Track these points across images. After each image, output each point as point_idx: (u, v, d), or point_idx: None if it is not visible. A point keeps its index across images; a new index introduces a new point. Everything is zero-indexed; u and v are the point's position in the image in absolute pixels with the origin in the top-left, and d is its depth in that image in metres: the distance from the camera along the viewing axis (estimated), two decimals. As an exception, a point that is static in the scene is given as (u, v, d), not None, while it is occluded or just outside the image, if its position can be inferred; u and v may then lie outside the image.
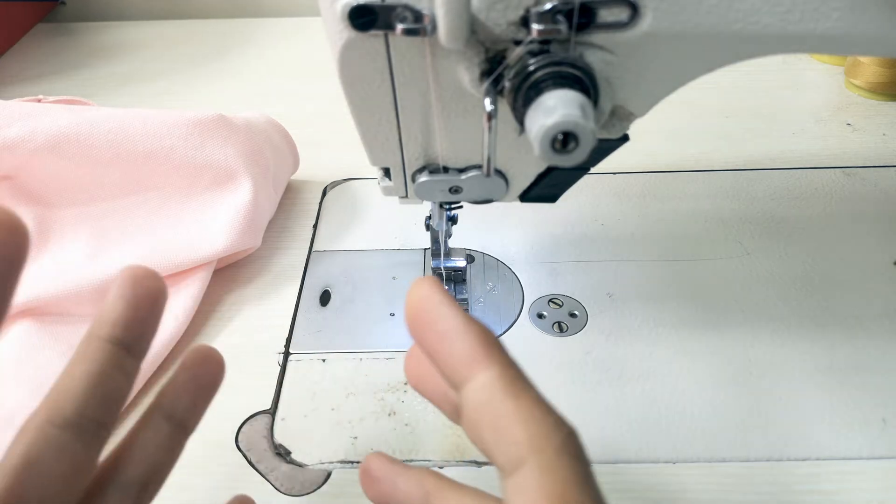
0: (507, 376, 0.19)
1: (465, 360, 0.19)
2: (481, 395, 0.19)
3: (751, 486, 0.34)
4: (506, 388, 0.19)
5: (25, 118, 0.45)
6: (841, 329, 0.41)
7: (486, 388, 0.19)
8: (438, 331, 0.20)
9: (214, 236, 0.44)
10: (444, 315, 0.20)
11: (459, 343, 0.19)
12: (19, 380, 0.38)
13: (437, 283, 0.21)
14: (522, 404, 0.19)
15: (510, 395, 0.19)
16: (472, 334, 0.20)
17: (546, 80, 0.24)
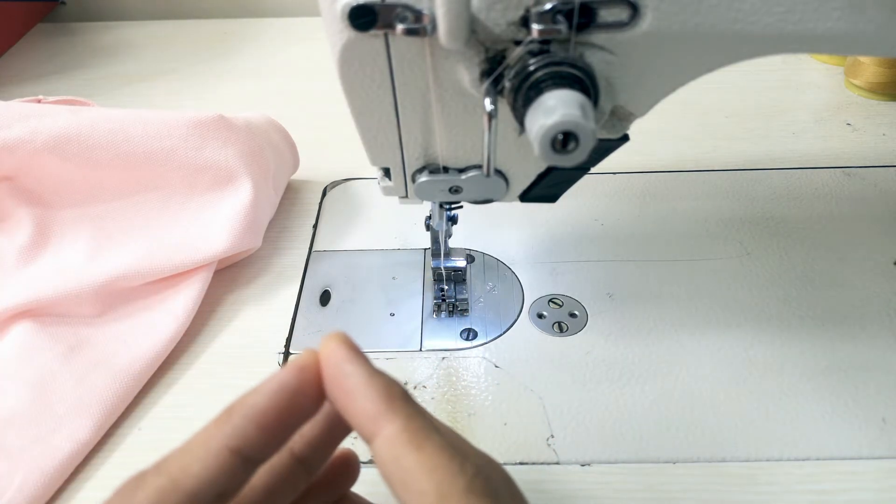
0: (410, 429, 0.19)
1: (370, 417, 0.20)
2: (387, 450, 0.19)
3: (751, 486, 0.34)
4: (409, 441, 0.19)
5: (25, 118, 0.45)
6: (841, 329, 0.41)
7: (391, 443, 0.19)
8: (344, 389, 0.20)
9: (215, 237, 0.44)
10: (348, 373, 0.20)
11: (363, 400, 0.20)
12: (19, 380, 0.38)
13: (345, 340, 0.20)
14: (425, 455, 0.19)
15: (413, 447, 0.19)
16: (374, 390, 0.20)
17: (546, 80, 0.24)
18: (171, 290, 0.44)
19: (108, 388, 0.38)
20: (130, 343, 0.41)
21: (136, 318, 0.42)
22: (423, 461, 0.19)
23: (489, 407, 0.38)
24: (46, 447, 0.35)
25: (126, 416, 0.39)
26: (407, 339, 0.42)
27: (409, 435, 0.19)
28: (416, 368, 0.40)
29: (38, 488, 0.34)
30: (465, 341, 0.42)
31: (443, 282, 0.44)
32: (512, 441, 0.37)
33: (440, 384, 0.39)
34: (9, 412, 0.37)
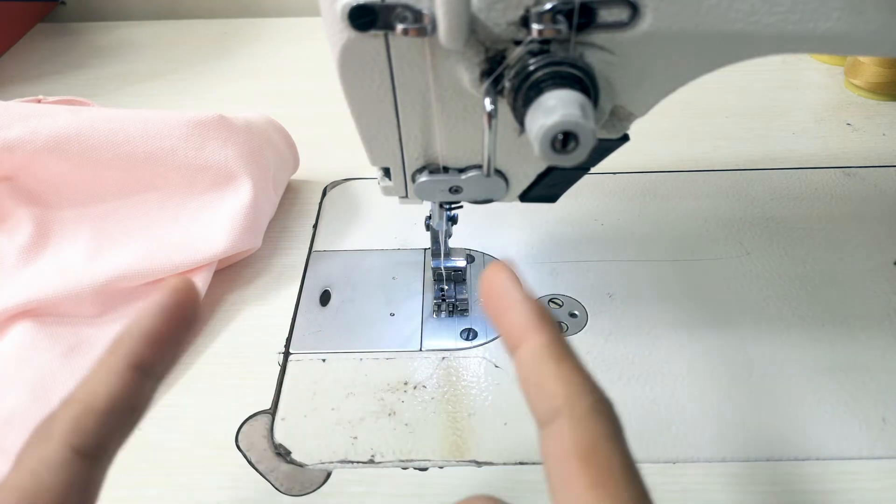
0: (554, 345, 0.22)
1: (521, 328, 0.22)
2: (530, 357, 0.22)
3: (751, 486, 0.34)
4: (551, 353, 0.21)
5: (25, 119, 0.45)
6: (841, 329, 0.41)
7: (535, 351, 0.22)
8: (503, 304, 0.23)
9: (215, 237, 0.44)
10: (508, 292, 0.23)
11: (517, 314, 0.22)
12: (19, 380, 0.38)
13: (507, 268, 0.24)
14: (564, 367, 0.21)
15: (554, 359, 0.21)
16: (528, 308, 0.23)
17: (546, 80, 0.24)
18: (171, 290, 0.44)
19: (108, 388, 0.38)
20: (130, 343, 0.41)
21: (136, 318, 0.42)
22: (559, 372, 0.21)
23: (489, 407, 0.38)
24: (46, 447, 0.35)
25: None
26: (407, 339, 0.42)
27: (552, 349, 0.21)
28: (416, 368, 0.40)
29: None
30: (465, 341, 0.42)
31: (443, 282, 0.44)
32: (512, 441, 0.37)
33: (440, 384, 0.39)
34: (9, 412, 0.37)
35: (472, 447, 0.36)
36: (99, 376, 0.21)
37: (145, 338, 0.21)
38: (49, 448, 0.20)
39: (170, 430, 0.38)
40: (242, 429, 0.38)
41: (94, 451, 0.20)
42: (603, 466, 0.19)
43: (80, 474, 0.20)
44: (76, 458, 0.20)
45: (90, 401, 0.20)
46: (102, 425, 0.20)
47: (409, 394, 0.39)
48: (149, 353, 0.21)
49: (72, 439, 0.20)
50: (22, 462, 0.20)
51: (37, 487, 0.19)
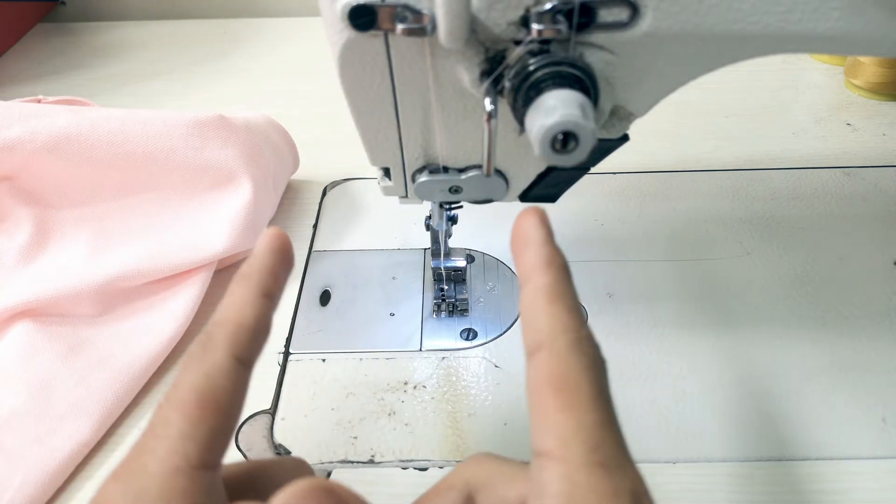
0: (554, 286, 0.24)
1: (530, 268, 0.25)
2: (530, 295, 0.24)
3: (751, 486, 0.34)
4: (547, 293, 0.24)
5: (25, 118, 0.45)
6: (841, 329, 0.41)
7: (535, 290, 0.24)
8: (523, 245, 0.25)
9: (215, 237, 0.44)
10: (531, 235, 0.25)
11: (531, 256, 0.25)
12: (19, 380, 0.38)
13: (537, 213, 0.26)
14: (555, 306, 0.23)
15: (548, 298, 0.23)
16: (542, 251, 0.25)
17: (546, 80, 0.24)
18: (171, 290, 0.44)
19: (108, 389, 0.38)
20: (130, 343, 0.41)
21: (136, 318, 0.42)
22: (550, 310, 0.23)
23: (489, 407, 0.38)
24: (46, 447, 0.35)
25: (126, 416, 0.39)
26: (407, 339, 0.42)
27: (551, 289, 0.24)
28: (416, 368, 0.40)
29: (38, 488, 0.34)
30: (465, 341, 0.42)
31: (443, 282, 0.45)
32: (512, 441, 0.37)
33: (440, 384, 0.39)
34: (9, 412, 0.37)
35: (472, 447, 0.36)
36: (241, 302, 0.25)
37: (267, 272, 0.26)
38: (216, 356, 0.24)
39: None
40: (242, 429, 0.38)
41: (248, 361, 0.24)
42: (572, 393, 0.21)
43: (242, 379, 0.24)
44: (238, 365, 0.24)
45: (241, 320, 0.25)
46: (252, 339, 0.25)
47: (409, 394, 0.39)
48: (272, 284, 0.26)
49: (234, 350, 0.24)
50: (192, 367, 0.23)
51: (212, 387, 0.23)
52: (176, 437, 0.22)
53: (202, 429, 0.22)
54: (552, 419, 0.21)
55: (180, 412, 0.22)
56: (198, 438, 0.22)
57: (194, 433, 0.22)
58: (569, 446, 0.21)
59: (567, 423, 0.21)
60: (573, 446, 0.21)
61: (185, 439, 0.22)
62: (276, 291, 0.27)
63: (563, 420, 0.21)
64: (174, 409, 0.23)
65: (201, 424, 0.22)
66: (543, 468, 0.21)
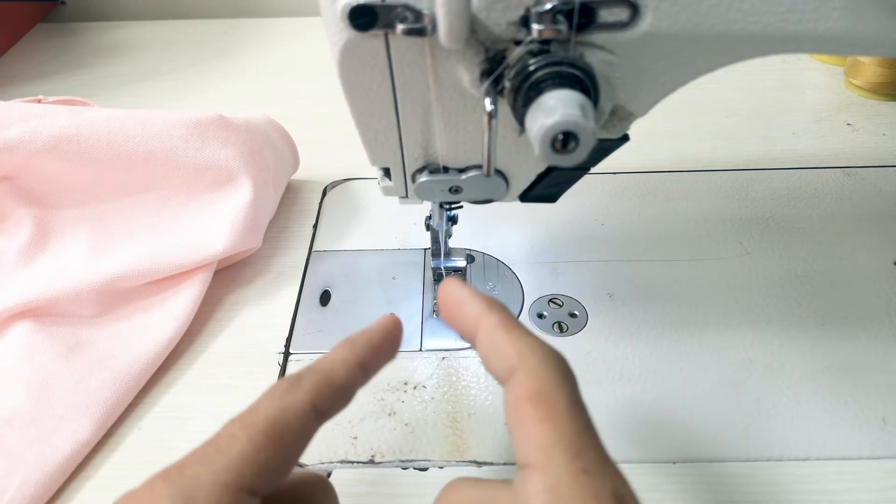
0: (503, 321, 0.25)
1: (475, 317, 0.26)
2: (486, 335, 0.25)
3: (751, 486, 0.34)
4: (501, 327, 0.25)
5: (25, 119, 0.45)
6: (841, 329, 0.41)
7: (489, 329, 0.25)
8: (456, 303, 0.27)
9: (215, 237, 0.44)
10: (458, 295, 0.27)
11: (469, 308, 0.27)
12: (19, 380, 0.38)
13: (455, 279, 0.28)
14: (513, 334, 0.25)
15: (504, 330, 0.25)
16: (478, 301, 0.27)
17: (546, 80, 0.24)
18: (171, 290, 0.44)
19: (108, 389, 0.38)
20: (130, 343, 0.41)
21: (136, 318, 0.42)
22: (510, 338, 0.25)
23: (489, 407, 0.38)
24: (46, 447, 0.35)
25: (126, 416, 0.39)
26: (407, 339, 0.42)
27: (502, 324, 0.25)
28: (416, 368, 0.40)
29: (38, 488, 0.34)
30: (464, 341, 0.42)
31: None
32: (512, 441, 0.37)
33: (440, 384, 0.39)
34: (9, 412, 0.37)
35: (472, 447, 0.36)
36: (338, 362, 0.26)
37: (373, 349, 0.28)
38: (296, 397, 0.25)
39: (170, 430, 0.38)
40: (242, 429, 0.38)
41: (323, 414, 0.25)
42: (550, 404, 0.22)
43: (312, 426, 0.25)
44: (313, 413, 0.25)
45: (332, 376, 0.26)
46: (333, 396, 0.26)
47: (409, 394, 0.39)
48: (371, 360, 0.27)
49: (314, 397, 0.25)
50: (273, 398, 0.24)
51: (285, 423, 0.24)
52: (236, 455, 0.23)
53: (262, 456, 0.23)
54: (533, 431, 0.22)
55: (248, 435, 0.23)
56: (256, 464, 0.23)
57: (254, 458, 0.23)
58: (551, 455, 0.21)
59: (547, 433, 0.22)
60: (555, 455, 0.21)
61: (243, 461, 0.23)
62: (372, 369, 0.28)
63: (544, 431, 0.22)
64: (243, 430, 0.23)
65: (263, 452, 0.23)
66: (527, 480, 0.21)
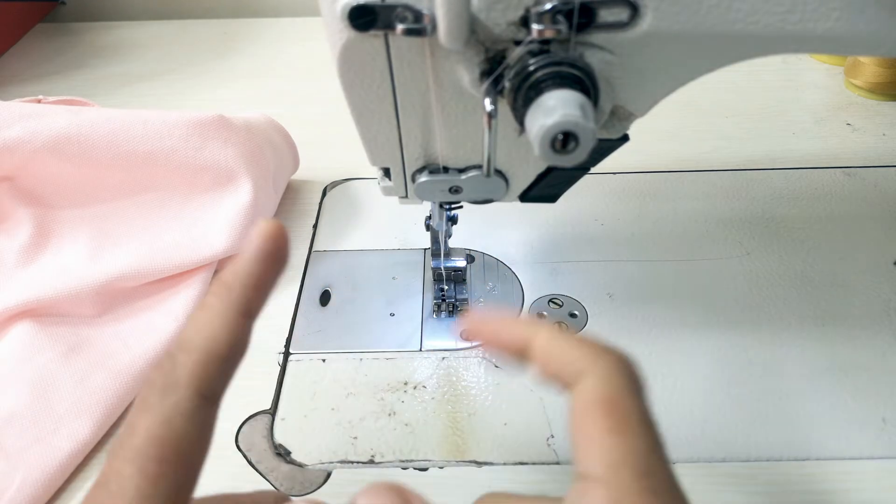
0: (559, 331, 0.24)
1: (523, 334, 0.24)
2: (546, 341, 0.23)
3: (751, 486, 0.34)
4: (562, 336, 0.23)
5: (25, 119, 0.45)
6: (841, 329, 0.41)
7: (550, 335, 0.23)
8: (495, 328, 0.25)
9: (215, 237, 0.44)
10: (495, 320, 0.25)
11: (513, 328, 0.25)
12: (19, 380, 0.38)
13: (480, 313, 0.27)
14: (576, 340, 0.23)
15: (565, 337, 0.23)
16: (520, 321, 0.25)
17: (546, 81, 0.24)
18: (171, 290, 0.44)
19: (108, 388, 0.38)
20: (130, 343, 0.41)
21: (136, 318, 0.42)
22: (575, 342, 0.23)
23: (489, 407, 0.38)
24: (46, 447, 0.35)
25: (126, 416, 0.38)
26: (407, 339, 0.42)
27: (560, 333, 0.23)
28: (416, 368, 0.40)
29: (38, 488, 0.34)
30: (465, 341, 0.42)
31: (443, 282, 0.44)
32: (512, 441, 0.37)
33: (440, 384, 0.39)
34: (9, 412, 0.37)
35: (472, 447, 0.36)
36: (215, 323, 0.22)
37: (251, 285, 0.22)
38: (178, 396, 0.21)
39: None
40: (242, 429, 0.38)
41: (216, 396, 0.22)
42: (622, 415, 0.21)
43: (209, 417, 0.21)
44: (204, 403, 0.21)
45: (212, 348, 0.21)
46: (224, 371, 0.22)
47: (409, 394, 0.39)
48: (254, 299, 0.23)
49: (200, 386, 0.21)
50: (151, 409, 0.21)
51: (174, 435, 0.20)
52: (133, 497, 0.19)
53: (163, 485, 0.20)
54: (602, 443, 0.21)
55: (137, 468, 0.20)
56: (159, 497, 0.20)
57: (154, 492, 0.20)
58: (619, 471, 0.20)
59: (618, 447, 0.20)
60: (623, 472, 0.20)
61: (143, 499, 0.19)
62: (259, 306, 0.23)
63: (614, 444, 0.20)
64: (130, 463, 0.20)
65: (162, 480, 0.20)
66: (588, 493, 0.20)
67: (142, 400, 0.21)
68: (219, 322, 0.22)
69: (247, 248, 0.23)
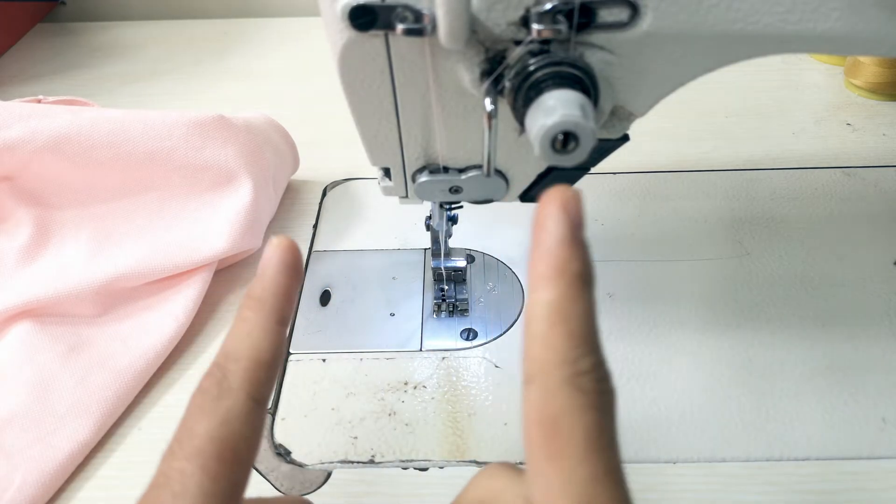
0: (558, 303, 0.20)
1: (538, 276, 0.21)
2: (532, 311, 0.21)
3: (751, 486, 0.34)
4: (550, 313, 0.20)
5: (25, 119, 0.45)
6: (841, 329, 0.41)
7: (537, 306, 0.20)
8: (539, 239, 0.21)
9: (215, 237, 0.44)
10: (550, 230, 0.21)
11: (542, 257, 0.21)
12: (19, 380, 0.38)
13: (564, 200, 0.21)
14: (555, 331, 0.20)
15: (549, 320, 0.20)
16: (556, 255, 0.21)
17: (546, 80, 0.24)
18: (171, 290, 0.44)
19: (108, 388, 0.38)
20: (130, 343, 0.41)
21: (136, 318, 0.42)
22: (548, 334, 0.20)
23: (489, 407, 0.38)
24: (46, 447, 0.35)
25: (126, 416, 0.39)
26: (407, 339, 0.42)
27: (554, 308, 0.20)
28: (416, 368, 0.40)
29: (38, 488, 0.34)
30: (465, 341, 0.42)
31: (443, 282, 0.44)
32: (512, 441, 0.37)
33: (440, 384, 0.39)
34: (9, 412, 0.37)
35: (472, 447, 0.36)
36: (257, 333, 0.23)
37: (282, 295, 0.24)
38: (233, 399, 0.22)
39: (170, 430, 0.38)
40: (242, 429, 0.38)
41: (265, 399, 0.23)
42: (562, 439, 0.19)
43: (260, 419, 0.23)
44: (256, 406, 0.23)
45: (257, 356, 0.23)
46: (270, 376, 0.23)
47: (409, 394, 0.39)
48: (286, 308, 0.24)
49: (251, 390, 0.23)
50: (208, 413, 0.22)
51: (232, 436, 0.22)
52: (196, 494, 0.21)
53: (224, 484, 0.21)
54: (540, 469, 0.19)
55: (199, 466, 0.21)
56: (219, 495, 0.21)
57: (216, 489, 0.21)
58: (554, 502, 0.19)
59: (555, 475, 0.19)
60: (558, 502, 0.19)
61: (206, 496, 0.21)
62: (289, 315, 0.25)
63: (552, 472, 0.19)
64: (192, 462, 0.21)
65: (223, 479, 0.21)
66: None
67: (197, 406, 0.22)
68: (258, 332, 0.23)
69: (268, 263, 0.25)
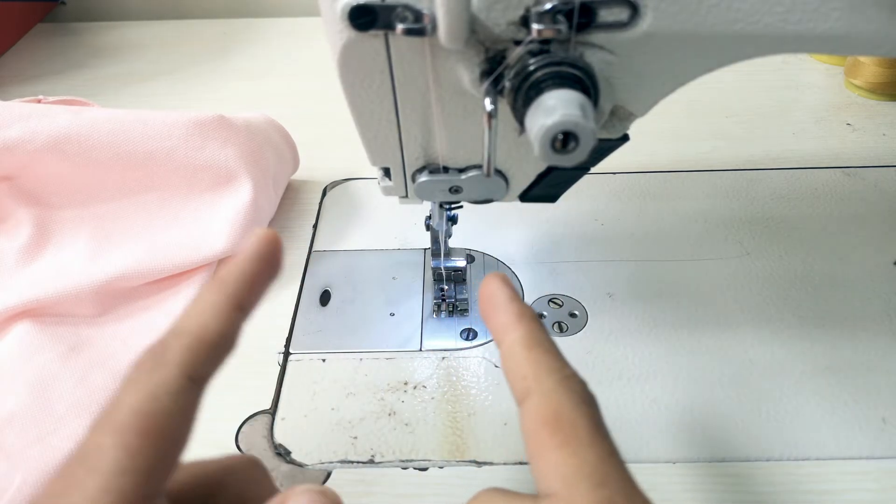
0: (529, 336, 0.24)
1: (504, 325, 0.25)
2: (508, 349, 0.25)
3: (751, 486, 0.34)
4: (525, 343, 0.24)
5: (25, 119, 0.45)
6: (841, 329, 0.41)
7: (512, 343, 0.24)
8: (492, 305, 0.26)
9: (215, 237, 0.44)
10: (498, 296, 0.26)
11: (502, 314, 0.26)
12: (19, 380, 0.38)
13: (500, 277, 0.27)
14: (533, 353, 0.24)
15: (526, 347, 0.24)
16: (512, 308, 0.26)
17: (546, 80, 0.24)
18: (171, 290, 0.44)
19: (108, 388, 0.38)
20: (130, 343, 0.41)
21: (136, 318, 0.42)
22: (529, 357, 0.24)
23: (489, 407, 0.38)
24: (46, 447, 0.35)
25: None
26: (407, 339, 0.42)
27: (525, 339, 0.24)
28: (416, 368, 0.40)
29: (38, 488, 0.34)
30: (464, 341, 0.42)
31: (443, 282, 0.44)
32: (512, 441, 0.37)
33: (440, 384, 0.39)
34: (9, 412, 0.37)
35: (472, 447, 0.36)
36: (208, 313, 0.23)
37: (246, 282, 0.24)
38: (165, 374, 0.21)
39: (170, 430, 0.38)
40: (242, 429, 0.38)
41: (202, 380, 0.22)
42: (569, 428, 0.21)
43: (193, 399, 0.22)
44: (190, 384, 0.22)
45: (202, 334, 0.22)
46: (211, 356, 0.23)
47: (409, 394, 0.39)
48: (248, 295, 0.24)
49: (187, 368, 0.22)
50: (138, 385, 0.21)
51: (158, 410, 0.21)
52: (110, 470, 0.19)
53: (141, 460, 0.19)
54: (553, 459, 0.21)
55: (117, 440, 0.20)
56: (136, 472, 0.19)
57: (132, 465, 0.19)
58: (573, 484, 0.20)
59: (569, 460, 0.21)
60: (578, 484, 0.20)
61: (120, 474, 0.19)
62: (251, 303, 0.24)
63: (565, 458, 0.21)
64: (109, 435, 0.20)
65: (141, 455, 0.20)
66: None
67: (129, 377, 0.21)
68: (210, 311, 0.23)
69: (242, 251, 0.25)
